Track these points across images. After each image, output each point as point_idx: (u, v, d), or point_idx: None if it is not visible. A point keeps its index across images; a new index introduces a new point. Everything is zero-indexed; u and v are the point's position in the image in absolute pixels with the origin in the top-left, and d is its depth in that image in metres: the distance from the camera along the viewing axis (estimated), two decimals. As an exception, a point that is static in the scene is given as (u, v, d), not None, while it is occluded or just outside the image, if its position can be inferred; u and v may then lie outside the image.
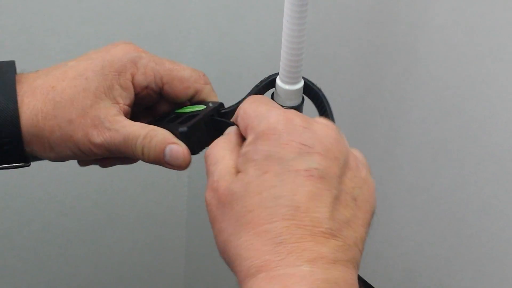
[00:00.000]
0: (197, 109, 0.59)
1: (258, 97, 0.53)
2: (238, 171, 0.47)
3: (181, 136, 0.55)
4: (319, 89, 0.62)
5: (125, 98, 0.55)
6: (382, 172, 0.91)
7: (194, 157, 0.58)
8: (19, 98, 0.52)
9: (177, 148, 0.54)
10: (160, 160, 0.54)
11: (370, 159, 0.95)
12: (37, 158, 0.55)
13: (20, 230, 1.06)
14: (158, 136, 0.54)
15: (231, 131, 0.52)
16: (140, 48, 0.58)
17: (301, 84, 0.60)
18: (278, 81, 0.60)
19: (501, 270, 0.81)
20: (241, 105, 0.51)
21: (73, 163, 0.60)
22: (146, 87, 0.57)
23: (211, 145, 0.51)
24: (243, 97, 0.62)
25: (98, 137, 0.53)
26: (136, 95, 0.56)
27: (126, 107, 0.55)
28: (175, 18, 1.02)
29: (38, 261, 1.09)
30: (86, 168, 0.62)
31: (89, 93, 0.53)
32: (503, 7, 0.70)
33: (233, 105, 0.61)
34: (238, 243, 0.44)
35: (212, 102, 0.60)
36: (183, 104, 0.61)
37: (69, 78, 0.54)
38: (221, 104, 0.61)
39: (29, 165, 0.54)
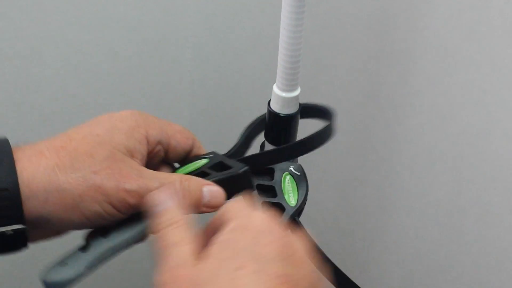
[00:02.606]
0: (198, 165, 0.56)
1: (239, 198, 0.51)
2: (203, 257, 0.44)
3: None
4: (315, 105, 0.63)
5: (139, 153, 0.52)
6: (380, 179, 0.91)
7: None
8: (25, 159, 0.47)
9: (215, 187, 0.52)
10: (198, 202, 0.51)
11: (368, 165, 0.95)
12: (41, 232, 0.50)
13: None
14: (193, 179, 0.52)
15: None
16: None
17: (298, 91, 0.60)
18: (275, 88, 0.61)
19: (498, 277, 0.81)
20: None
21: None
22: (159, 142, 0.54)
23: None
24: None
25: (132, 184, 0.48)
26: (149, 154, 0.54)
27: (141, 163, 0.52)
28: (172, 25, 1.02)
29: (36, 269, 1.09)
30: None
31: (106, 145, 0.49)
32: (500, 14, 0.70)
33: (233, 148, 0.61)
34: None
35: (208, 154, 0.58)
36: (179, 165, 0.58)
37: (77, 139, 0.49)
38: (221, 155, 0.58)
39: (25, 228, 0.47)
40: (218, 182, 0.52)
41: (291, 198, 0.59)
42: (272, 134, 0.63)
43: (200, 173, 0.54)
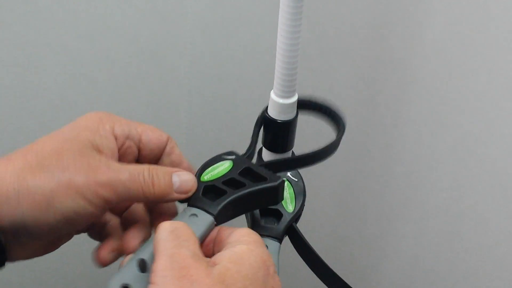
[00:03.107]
0: (223, 170, 0.54)
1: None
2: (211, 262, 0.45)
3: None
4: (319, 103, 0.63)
5: (107, 148, 0.51)
6: (378, 185, 0.91)
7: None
8: None
9: (185, 173, 0.52)
10: (169, 189, 0.51)
11: (366, 173, 0.95)
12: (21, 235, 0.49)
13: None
14: (162, 168, 0.52)
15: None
16: None
17: (295, 98, 0.61)
18: (272, 95, 0.61)
19: (497, 283, 0.81)
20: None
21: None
22: (128, 137, 0.54)
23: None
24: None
25: (102, 176, 0.48)
26: (119, 150, 0.54)
27: (112, 159, 0.52)
28: (170, 33, 1.03)
29: (34, 274, 1.09)
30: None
31: (73, 142, 0.50)
32: (497, 22, 0.70)
33: (250, 149, 0.59)
34: None
35: (228, 155, 0.56)
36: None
37: (43, 140, 0.50)
38: (242, 157, 0.57)
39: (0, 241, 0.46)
40: (254, 193, 0.52)
41: (288, 204, 0.59)
42: (269, 140, 0.63)
43: (231, 180, 0.53)
